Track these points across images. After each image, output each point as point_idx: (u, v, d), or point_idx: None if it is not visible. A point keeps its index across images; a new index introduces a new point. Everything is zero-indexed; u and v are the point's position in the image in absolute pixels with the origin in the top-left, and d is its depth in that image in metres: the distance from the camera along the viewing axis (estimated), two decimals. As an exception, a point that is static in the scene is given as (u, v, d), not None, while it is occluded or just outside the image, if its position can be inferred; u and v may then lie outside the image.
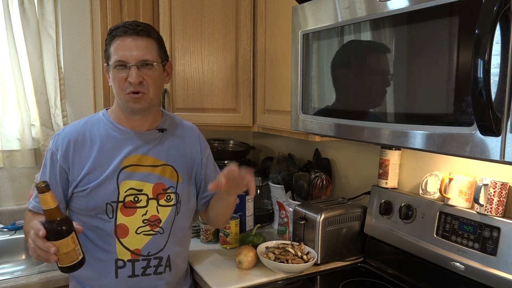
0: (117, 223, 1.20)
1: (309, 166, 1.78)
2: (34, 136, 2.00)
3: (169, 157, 1.29)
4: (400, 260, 1.38)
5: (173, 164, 1.29)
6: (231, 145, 2.31)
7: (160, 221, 1.25)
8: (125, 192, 1.21)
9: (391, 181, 1.47)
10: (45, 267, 1.49)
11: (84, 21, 2.06)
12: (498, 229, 1.09)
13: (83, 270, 1.03)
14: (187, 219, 1.37)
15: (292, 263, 1.37)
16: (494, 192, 1.13)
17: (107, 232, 1.20)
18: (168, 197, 1.26)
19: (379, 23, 1.01)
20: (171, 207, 1.27)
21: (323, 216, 1.44)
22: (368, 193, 1.56)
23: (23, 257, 1.84)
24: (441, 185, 1.25)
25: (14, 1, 1.87)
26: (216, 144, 2.25)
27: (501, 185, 1.13)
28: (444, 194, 1.24)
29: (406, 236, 1.34)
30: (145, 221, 1.23)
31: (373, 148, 1.60)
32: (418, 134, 0.92)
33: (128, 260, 1.22)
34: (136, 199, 1.22)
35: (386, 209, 1.42)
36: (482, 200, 1.14)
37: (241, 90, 1.76)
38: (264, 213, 1.95)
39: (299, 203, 1.60)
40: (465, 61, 0.81)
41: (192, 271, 1.46)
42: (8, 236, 1.84)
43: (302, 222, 1.50)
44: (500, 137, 0.76)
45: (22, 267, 1.79)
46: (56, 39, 2.00)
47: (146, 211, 1.23)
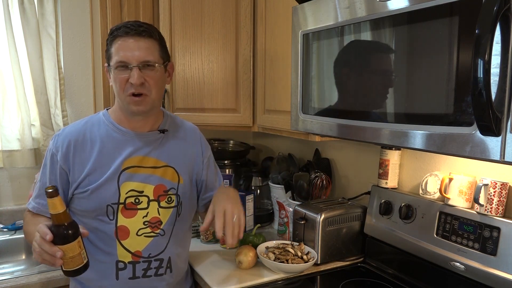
0: (118, 224, 1.20)
1: (309, 166, 1.78)
2: (34, 136, 2.00)
3: (170, 158, 1.28)
4: (400, 260, 1.38)
5: (174, 165, 1.28)
6: (231, 145, 2.31)
7: (161, 222, 1.24)
8: (126, 193, 1.20)
9: (391, 181, 1.47)
10: (45, 267, 1.49)
11: (84, 21, 2.06)
12: (498, 229, 1.09)
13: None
14: (188, 221, 1.37)
15: (292, 263, 1.37)
16: (494, 192, 1.13)
17: (108, 234, 1.20)
18: (169, 199, 1.25)
19: (379, 23, 1.01)
20: (172, 209, 1.26)
21: (323, 216, 1.44)
22: (368, 193, 1.56)
23: (23, 257, 1.84)
24: (441, 185, 1.25)
25: (14, 1, 1.87)
26: (216, 144, 2.24)
27: (501, 185, 1.13)
28: (444, 194, 1.24)
29: (406, 236, 1.34)
30: (146, 223, 1.22)
31: (373, 148, 1.60)
32: (418, 134, 0.92)
33: (129, 262, 1.21)
34: (137, 200, 1.21)
35: (386, 209, 1.42)
36: (482, 200, 1.14)
37: (241, 90, 1.76)
38: (264, 213, 1.95)
39: (299, 203, 1.60)
40: (465, 61, 0.81)
41: (192, 272, 1.46)
42: (8, 236, 1.84)
43: (302, 222, 1.50)
44: (500, 137, 0.76)
45: (22, 267, 1.79)
46: (56, 39, 2.00)
47: (147, 213, 1.22)
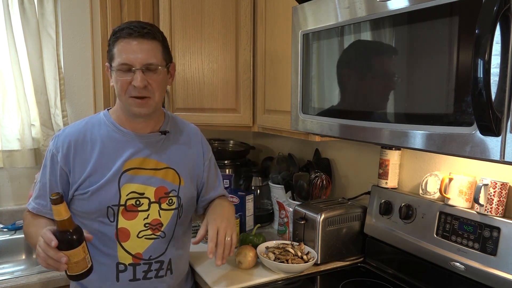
0: (119, 226, 1.19)
1: (309, 166, 1.78)
2: (34, 136, 2.00)
3: (171, 160, 1.27)
4: (400, 260, 1.38)
5: (175, 167, 1.27)
6: (231, 145, 2.31)
7: (162, 225, 1.23)
8: (127, 195, 1.19)
9: (391, 181, 1.47)
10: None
11: (84, 21, 2.06)
12: (498, 229, 1.09)
13: None
14: (189, 222, 1.37)
15: (292, 263, 1.37)
16: (494, 192, 1.13)
17: (108, 236, 1.19)
18: (170, 201, 1.24)
19: (379, 23, 1.01)
20: (173, 211, 1.25)
21: (323, 216, 1.44)
22: (368, 193, 1.56)
23: (23, 257, 1.84)
24: (441, 185, 1.25)
25: (14, 1, 1.87)
26: (216, 144, 2.24)
27: (501, 185, 1.13)
28: (444, 194, 1.24)
29: (406, 236, 1.34)
30: (146, 225, 1.21)
31: (373, 148, 1.60)
32: (418, 134, 0.92)
33: (129, 264, 1.21)
34: (137, 202, 1.20)
35: (386, 209, 1.42)
36: (482, 200, 1.14)
37: (241, 90, 1.76)
38: (264, 213, 1.95)
39: (299, 203, 1.60)
40: (465, 61, 0.81)
41: (193, 272, 1.46)
42: (8, 236, 1.84)
43: (302, 222, 1.50)
44: (500, 137, 0.76)
45: (22, 267, 1.79)
46: (56, 39, 2.00)
47: (148, 215, 1.21)
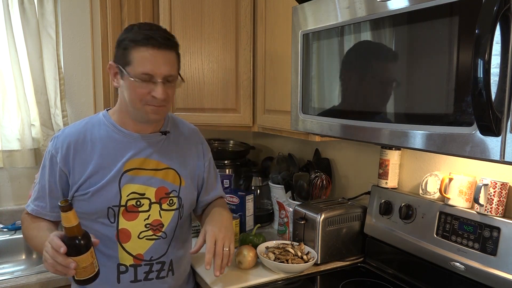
0: (119, 227, 1.19)
1: (309, 166, 1.78)
2: (34, 136, 2.00)
3: (172, 160, 1.26)
4: (400, 260, 1.38)
5: (175, 167, 1.26)
6: (231, 145, 2.31)
7: (163, 225, 1.23)
8: (127, 196, 1.18)
9: (391, 181, 1.47)
10: (45, 268, 1.48)
11: (84, 21, 2.06)
12: (498, 229, 1.09)
13: None
14: (189, 223, 1.37)
15: (292, 263, 1.37)
16: (494, 192, 1.13)
17: (109, 237, 1.18)
18: (171, 201, 1.24)
19: (379, 23, 1.01)
20: (174, 211, 1.25)
21: (323, 216, 1.44)
22: (368, 193, 1.56)
23: (23, 257, 1.84)
24: (441, 185, 1.25)
25: (14, 1, 1.87)
26: (216, 144, 2.24)
27: (501, 185, 1.13)
28: (444, 194, 1.24)
29: (406, 236, 1.34)
30: (147, 226, 1.21)
31: (373, 148, 1.60)
32: (418, 134, 0.92)
33: (131, 265, 1.20)
34: (138, 203, 1.20)
35: (386, 209, 1.42)
36: (482, 200, 1.14)
37: (241, 90, 1.76)
38: (264, 213, 1.95)
39: (299, 203, 1.60)
40: (465, 61, 0.81)
41: (194, 273, 1.46)
42: (8, 236, 1.84)
43: (302, 222, 1.49)
44: (500, 137, 0.76)
45: (22, 267, 1.79)
46: (56, 39, 2.00)
47: (149, 216, 1.21)
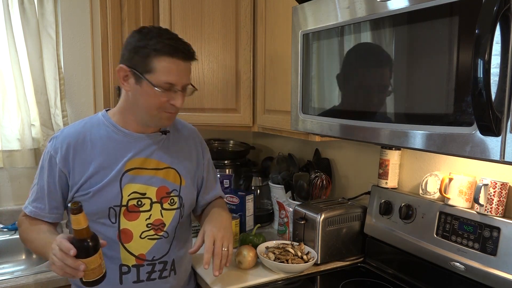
0: (121, 228, 1.18)
1: (309, 166, 1.78)
2: (34, 136, 2.00)
3: (172, 159, 1.26)
4: (400, 260, 1.38)
5: (176, 167, 1.26)
6: (231, 145, 2.31)
7: (164, 225, 1.23)
8: (128, 196, 1.18)
9: (391, 181, 1.47)
10: (45, 267, 1.49)
11: (84, 21, 2.06)
12: (498, 229, 1.09)
13: None
14: (189, 222, 1.37)
15: (292, 263, 1.37)
16: (494, 192, 1.13)
17: (111, 237, 1.17)
18: (172, 201, 1.24)
19: (379, 23, 1.01)
20: (175, 211, 1.25)
21: (323, 216, 1.44)
22: (368, 193, 1.56)
23: (23, 257, 1.84)
24: (441, 185, 1.25)
25: (14, 1, 1.87)
26: (216, 144, 2.25)
27: (501, 185, 1.13)
28: (444, 194, 1.24)
29: (406, 236, 1.34)
30: (149, 225, 1.20)
31: (373, 148, 1.60)
32: (418, 134, 0.92)
33: (133, 266, 1.20)
34: (139, 203, 1.19)
35: (386, 209, 1.42)
36: (482, 200, 1.14)
37: (241, 90, 1.76)
38: (264, 213, 1.95)
39: (299, 203, 1.60)
40: (465, 61, 0.81)
41: (194, 273, 1.46)
42: (8, 236, 1.84)
43: (302, 222, 1.49)
44: (500, 137, 0.76)
45: (22, 267, 1.79)
46: (56, 39, 2.00)
47: (150, 215, 1.21)
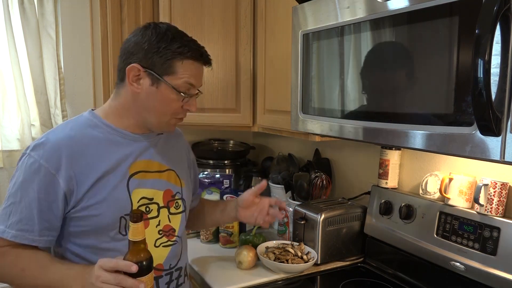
0: None
1: (309, 166, 1.78)
2: (34, 136, 2.00)
3: (170, 161, 1.19)
4: (400, 260, 1.38)
5: (174, 168, 1.20)
6: (231, 145, 2.31)
7: (174, 230, 1.16)
8: (138, 202, 1.08)
9: (391, 181, 1.47)
10: None
11: (84, 21, 2.06)
12: (498, 229, 1.09)
13: None
14: None
15: (292, 263, 1.37)
16: (494, 192, 1.13)
17: (124, 253, 1.02)
18: (177, 204, 1.18)
19: (379, 23, 1.01)
20: (181, 214, 1.19)
21: (323, 216, 1.44)
22: (368, 193, 1.56)
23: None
24: (441, 185, 1.25)
25: (14, 1, 1.87)
26: (216, 144, 2.25)
27: (501, 185, 1.13)
28: (444, 194, 1.24)
29: (406, 236, 1.34)
30: (160, 232, 1.13)
31: (373, 148, 1.60)
32: (418, 134, 0.92)
33: None
34: (147, 209, 1.10)
35: (386, 209, 1.42)
36: (482, 200, 1.14)
37: (241, 90, 1.76)
38: (264, 213, 1.95)
39: (299, 203, 1.60)
40: (465, 61, 0.81)
41: (194, 273, 1.46)
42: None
43: (302, 222, 1.49)
44: (500, 137, 0.76)
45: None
46: (56, 39, 2.00)
47: (159, 221, 1.12)
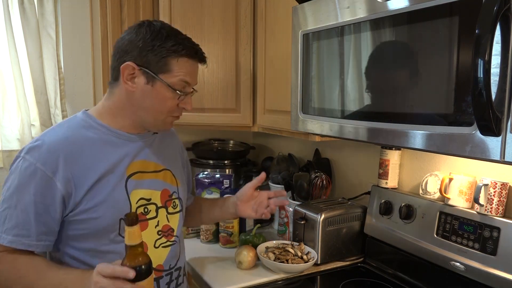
0: None
1: (309, 166, 1.78)
2: (34, 136, 2.00)
3: (165, 160, 1.19)
4: (400, 260, 1.38)
5: (170, 168, 1.20)
6: (231, 145, 2.31)
7: (173, 230, 1.17)
8: (136, 203, 1.08)
9: (391, 181, 1.47)
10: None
11: (84, 21, 2.06)
12: (498, 229, 1.09)
13: None
14: None
15: (292, 263, 1.37)
16: (494, 192, 1.13)
17: (123, 255, 1.02)
18: (174, 204, 1.18)
19: (379, 23, 1.01)
20: (178, 214, 1.20)
21: (323, 216, 1.44)
22: (368, 193, 1.56)
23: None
24: (441, 185, 1.25)
25: (14, 1, 1.87)
26: (216, 144, 2.25)
27: (501, 185, 1.13)
28: (444, 194, 1.24)
29: (406, 236, 1.34)
30: (159, 233, 1.13)
31: (373, 148, 1.60)
32: (418, 134, 0.92)
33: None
34: (146, 210, 1.10)
35: (386, 209, 1.42)
36: (482, 200, 1.14)
37: (241, 90, 1.76)
38: (264, 213, 1.95)
39: (299, 203, 1.60)
40: (465, 61, 0.81)
41: (193, 272, 1.46)
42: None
43: (302, 222, 1.49)
44: (500, 137, 0.76)
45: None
46: (56, 39, 2.00)
47: (158, 222, 1.13)
